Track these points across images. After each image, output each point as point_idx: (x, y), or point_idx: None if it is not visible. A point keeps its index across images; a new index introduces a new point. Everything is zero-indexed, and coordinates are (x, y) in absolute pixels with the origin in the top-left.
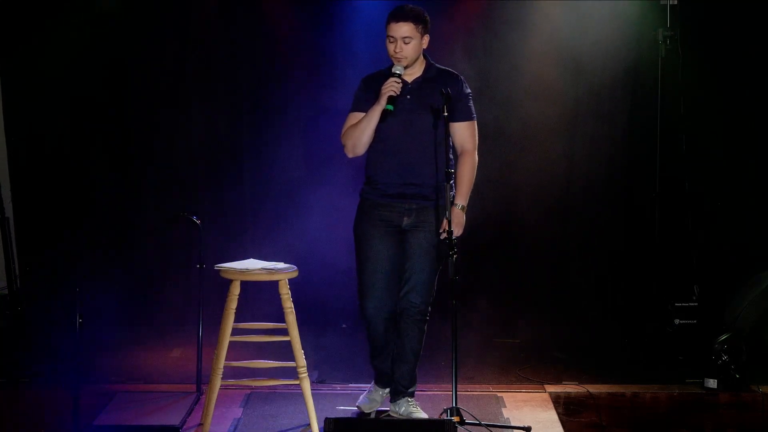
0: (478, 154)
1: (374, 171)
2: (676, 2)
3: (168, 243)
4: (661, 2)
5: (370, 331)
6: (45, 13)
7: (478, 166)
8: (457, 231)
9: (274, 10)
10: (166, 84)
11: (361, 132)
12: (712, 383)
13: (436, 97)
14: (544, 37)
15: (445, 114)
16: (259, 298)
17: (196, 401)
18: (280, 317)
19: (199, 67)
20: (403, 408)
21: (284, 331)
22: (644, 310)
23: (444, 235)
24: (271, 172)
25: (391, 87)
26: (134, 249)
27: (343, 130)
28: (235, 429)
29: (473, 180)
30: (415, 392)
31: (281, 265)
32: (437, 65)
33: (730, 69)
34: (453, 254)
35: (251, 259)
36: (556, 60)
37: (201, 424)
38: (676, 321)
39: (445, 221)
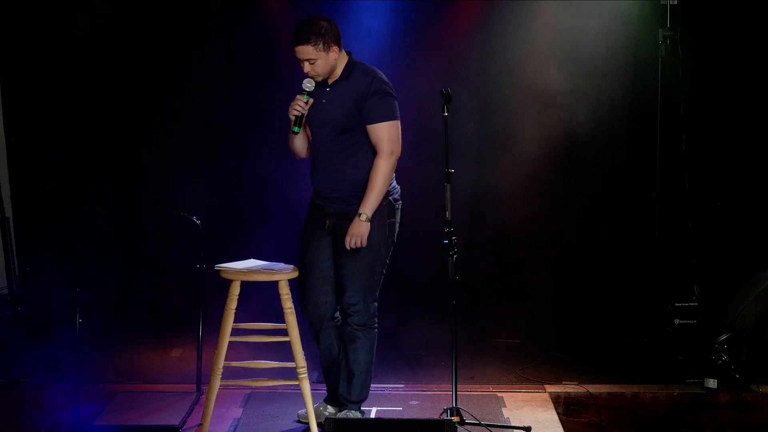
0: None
1: (311, 175)
2: (676, 2)
3: (168, 243)
4: (661, 2)
5: (311, 332)
6: (45, 13)
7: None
8: (353, 242)
9: (274, 10)
10: (166, 84)
11: (291, 143)
12: (712, 383)
13: (351, 99)
14: (544, 38)
15: (446, 114)
16: (259, 298)
17: (196, 401)
18: (280, 317)
19: (199, 67)
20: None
21: (284, 332)
22: (644, 310)
23: (348, 247)
24: (272, 172)
25: (294, 109)
26: (134, 249)
27: None
28: (235, 429)
29: (384, 187)
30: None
31: (281, 265)
32: (358, 62)
33: (730, 69)
34: (453, 254)
35: (251, 259)
36: (556, 60)
37: (201, 424)
38: (676, 321)
39: (348, 233)
